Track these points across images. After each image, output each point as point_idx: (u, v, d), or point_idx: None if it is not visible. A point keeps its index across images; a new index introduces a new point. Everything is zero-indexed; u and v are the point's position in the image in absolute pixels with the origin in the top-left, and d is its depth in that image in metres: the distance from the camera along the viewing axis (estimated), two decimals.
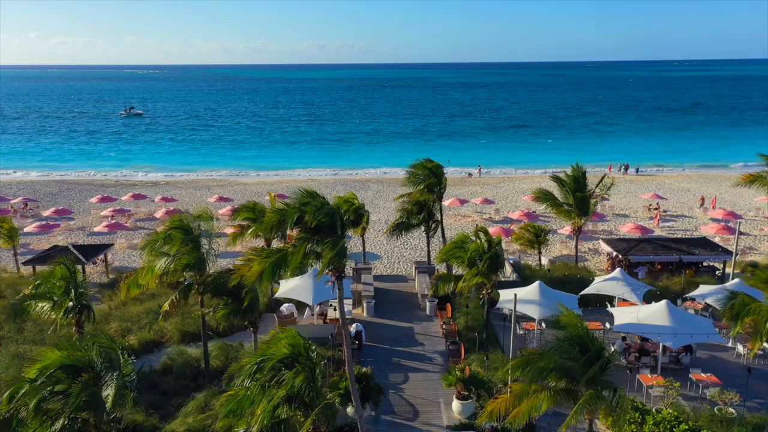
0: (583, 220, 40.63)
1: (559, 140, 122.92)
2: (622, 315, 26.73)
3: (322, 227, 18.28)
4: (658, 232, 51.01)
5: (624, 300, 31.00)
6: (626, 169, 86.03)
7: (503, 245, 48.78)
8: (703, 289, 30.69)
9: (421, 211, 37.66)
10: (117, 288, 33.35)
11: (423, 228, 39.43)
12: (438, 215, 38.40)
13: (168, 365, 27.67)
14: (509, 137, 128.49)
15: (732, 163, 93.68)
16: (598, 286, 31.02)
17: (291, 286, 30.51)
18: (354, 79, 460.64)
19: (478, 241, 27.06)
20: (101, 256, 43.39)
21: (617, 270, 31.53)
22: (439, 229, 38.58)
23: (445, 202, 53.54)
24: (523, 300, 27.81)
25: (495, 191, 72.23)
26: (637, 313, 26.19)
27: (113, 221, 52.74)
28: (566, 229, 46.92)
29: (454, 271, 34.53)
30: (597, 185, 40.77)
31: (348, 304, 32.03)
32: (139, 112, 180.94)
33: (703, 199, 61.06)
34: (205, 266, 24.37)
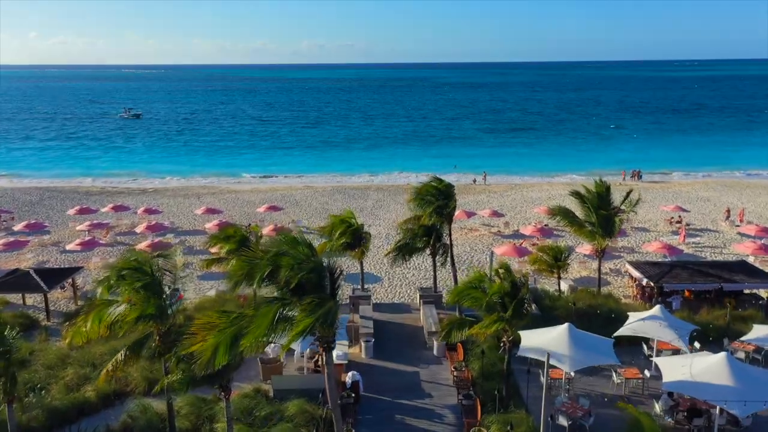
0: (607, 241, 36.37)
1: (564, 144, 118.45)
2: (671, 369, 22.27)
3: (306, 286, 13.84)
4: (684, 250, 46.50)
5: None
6: (639, 176, 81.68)
7: (515, 264, 44.54)
8: (759, 330, 26.29)
9: (428, 234, 33.18)
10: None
11: (429, 251, 34.93)
12: (446, 237, 33.88)
13: (128, 425, 23.26)
14: (512, 141, 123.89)
15: (746, 169, 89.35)
16: (634, 326, 26.56)
17: None
18: (353, 79, 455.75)
19: (499, 280, 22.62)
20: (70, 280, 38.91)
21: (657, 308, 27.04)
22: (448, 254, 34.03)
23: None
24: (550, 348, 23.40)
25: (502, 200, 67.83)
26: (690, 368, 21.75)
27: (88, 238, 48.21)
28: (585, 248, 42.52)
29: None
30: (623, 201, 36.47)
31: (344, 345, 27.59)
32: (138, 113, 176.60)
33: (728, 211, 56.56)
34: (166, 315, 19.91)
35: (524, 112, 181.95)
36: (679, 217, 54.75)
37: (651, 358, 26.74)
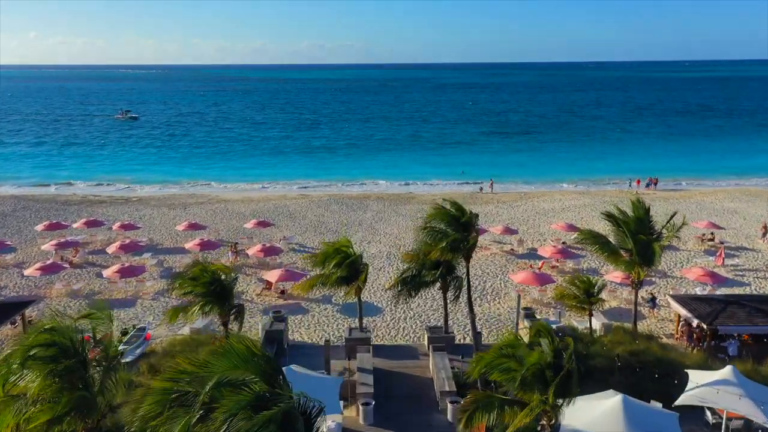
0: (645, 272, 31.19)
1: (569, 149, 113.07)
2: None
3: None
4: (722, 274, 41.17)
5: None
6: (655, 184, 76.57)
7: (534, 293, 39.33)
8: None
9: (438, 266, 27.98)
10: None
11: (439, 284, 29.74)
12: (461, 271, 28.62)
13: None
14: (515, 145, 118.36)
15: (763, 176, 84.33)
16: (701, 393, 21.29)
17: None
18: (352, 80, 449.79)
19: (541, 348, 17.38)
20: (21, 315, 33.59)
21: (728, 369, 21.77)
22: (462, 291, 28.76)
23: None
24: (602, 430, 18.25)
25: (512, 212, 62.60)
26: None
27: (51, 261, 42.90)
28: (615, 274, 37.40)
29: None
30: (664, 225, 31.32)
31: (338, 417, 22.31)
32: (134, 116, 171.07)
33: (765, 227, 51.22)
34: (95, 409, 14.67)
35: (527, 115, 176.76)
36: (712, 234, 49.53)
37: None
